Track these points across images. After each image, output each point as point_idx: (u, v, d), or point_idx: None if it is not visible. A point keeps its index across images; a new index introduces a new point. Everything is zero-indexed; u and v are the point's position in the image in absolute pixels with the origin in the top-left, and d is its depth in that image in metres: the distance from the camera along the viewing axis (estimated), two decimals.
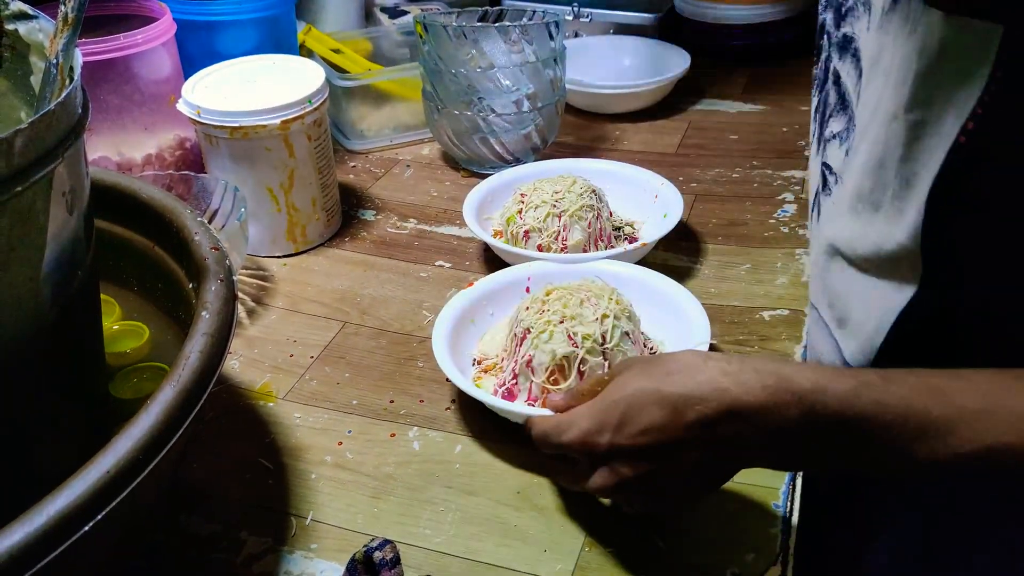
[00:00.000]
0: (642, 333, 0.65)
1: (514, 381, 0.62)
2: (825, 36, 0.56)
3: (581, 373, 0.60)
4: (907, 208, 0.46)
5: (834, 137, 0.55)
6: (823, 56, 0.56)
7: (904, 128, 0.45)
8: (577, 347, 0.60)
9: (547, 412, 0.57)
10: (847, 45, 0.52)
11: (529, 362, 0.61)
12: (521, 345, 0.62)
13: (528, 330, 0.61)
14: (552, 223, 0.77)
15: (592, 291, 0.63)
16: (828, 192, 0.55)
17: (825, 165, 0.56)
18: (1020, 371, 0.41)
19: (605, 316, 0.61)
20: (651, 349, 0.66)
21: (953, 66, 0.42)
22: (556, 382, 0.60)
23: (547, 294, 0.63)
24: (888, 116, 0.47)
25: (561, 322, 0.60)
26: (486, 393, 0.62)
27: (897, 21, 0.45)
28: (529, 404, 0.61)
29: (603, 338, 0.60)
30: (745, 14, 1.20)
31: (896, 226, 0.47)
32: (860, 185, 0.50)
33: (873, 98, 0.49)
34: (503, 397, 0.62)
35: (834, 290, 0.55)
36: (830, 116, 0.55)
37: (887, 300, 0.49)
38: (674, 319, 0.68)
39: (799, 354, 0.69)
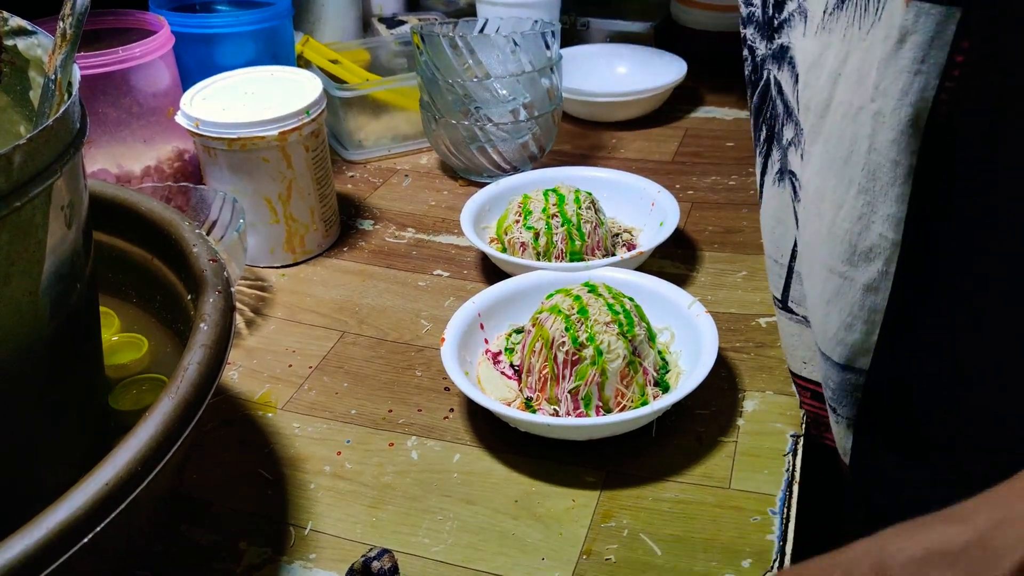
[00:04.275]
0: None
1: (542, 395, 0.63)
2: (748, 52, 0.58)
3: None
4: (880, 200, 0.47)
5: (790, 144, 0.56)
6: (753, 72, 0.58)
7: (868, 119, 0.46)
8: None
9: (574, 421, 0.59)
10: (783, 54, 0.54)
11: (577, 393, 0.62)
12: (570, 369, 0.62)
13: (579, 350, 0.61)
14: (551, 230, 0.77)
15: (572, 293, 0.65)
16: (799, 199, 0.56)
17: (791, 173, 0.57)
18: None
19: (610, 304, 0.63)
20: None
21: (911, 53, 0.43)
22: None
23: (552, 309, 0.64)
24: (846, 111, 0.48)
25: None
26: (498, 403, 0.62)
27: (844, 19, 0.47)
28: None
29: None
30: None
31: (871, 220, 0.48)
32: (821, 186, 0.51)
33: (817, 99, 0.50)
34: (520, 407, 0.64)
35: (804, 291, 0.57)
36: (783, 126, 0.56)
37: (863, 299, 0.51)
38: (678, 323, 0.69)
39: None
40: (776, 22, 0.54)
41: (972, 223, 0.46)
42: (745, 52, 0.59)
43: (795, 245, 0.60)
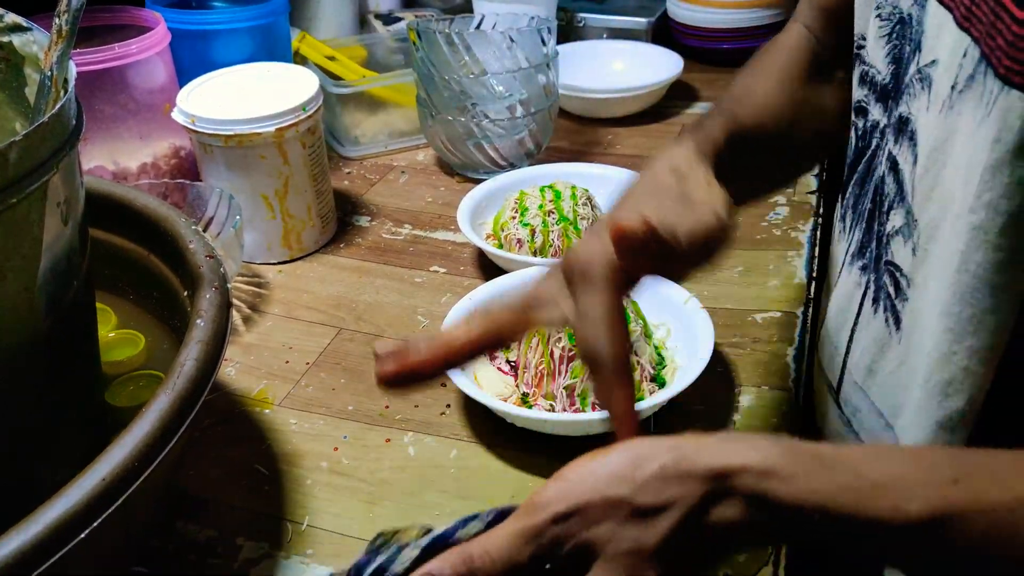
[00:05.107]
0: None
1: (538, 390, 0.63)
2: (859, 116, 0.53)
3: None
4: (968, 330, 0.41)
5: (897, 233, 0.48)
6: (866, 137, 0.52)
7: (965, 231, 0.40)
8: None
9: (570, 417, 0.59)
10: (904, 127, 0.47)
11: (573, 390, 0.62)
12: (566, 365, 0.62)
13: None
14: (547, 227, 0.77)
15: None
16: (905, 298, 0.48)
17: (891, 265, 0.49)
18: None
19: None
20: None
21: None
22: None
23: None
24: (963, 214, 0.41)
25: None
26: (493, 398, 0.63)
27: (972, 102, 0.39)
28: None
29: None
30: (737, 18, 1.20)
31: (953, 351, 0.42)
32: (943, 295, 0.43)
33: (942, 191, 0.43)
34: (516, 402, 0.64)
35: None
36: (890, 208, 0.49)
37: (933, 438, 0.46)
38: (675, 319, 0.69)
39: (791, 356, 0.69)
40: (899, 86, 0.47)
41: None
42: (854, 116, 0.54)
43: (849, 339, 0.53)
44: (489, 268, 0.82)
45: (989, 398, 0.43)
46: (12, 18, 0.50)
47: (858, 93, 0.54)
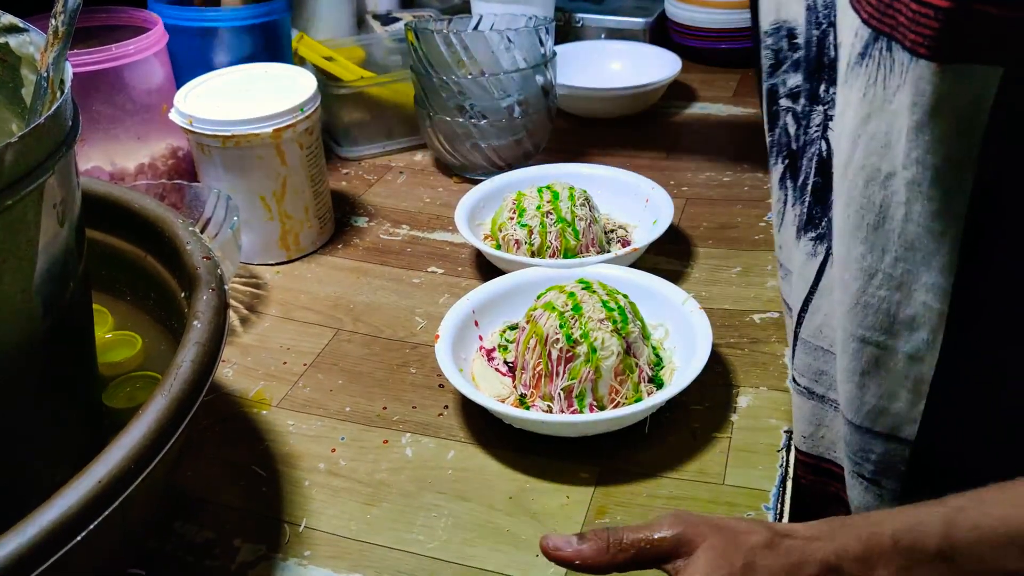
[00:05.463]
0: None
1: (536, 392, 0.63)
2: (801, 100, 0.54)
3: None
4: (922, 270, 0.45)
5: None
6: (805, 117, 0.54)
7: (902, 187, 0.43)
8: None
9: (568, 418, 0.59)
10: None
11: (571, 391, 0.62)
12: (563, 366, 0.62)
13: (573, 346, 0.61)
14: (544, 229, 0.77)
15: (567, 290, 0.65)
16: (832, 262, 0.52)
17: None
18: None
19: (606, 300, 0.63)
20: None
21: (951, 120, 0.40)
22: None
23: (547, 306, 0.64)
24: (872, 176, 0.45)
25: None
26: (492, 399, 0.62)
27: (864, 76, 0.43)
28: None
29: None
30: (735, 18, 1.20)
31: (912, 289, 0.45)
32: (846, 254, 0.48)
33: (839, 159, 0.47)
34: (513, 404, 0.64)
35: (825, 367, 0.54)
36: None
37: (906, 368, 0.48)
38: (673, 319, 0.69)
39: (788, 356, 0.69)
40: (823, 65, 0.50)
41: (1022, 282, 0.44)
42: (787, 102, 0.55)
43: (802, 309, 0.56)
44: (487, 269, 0.82)
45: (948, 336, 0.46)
46: (8, 19, 0.50)
47: (792, 79, 0.55)
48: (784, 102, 0.55)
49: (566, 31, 1.27)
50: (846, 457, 0.55)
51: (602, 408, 0.62)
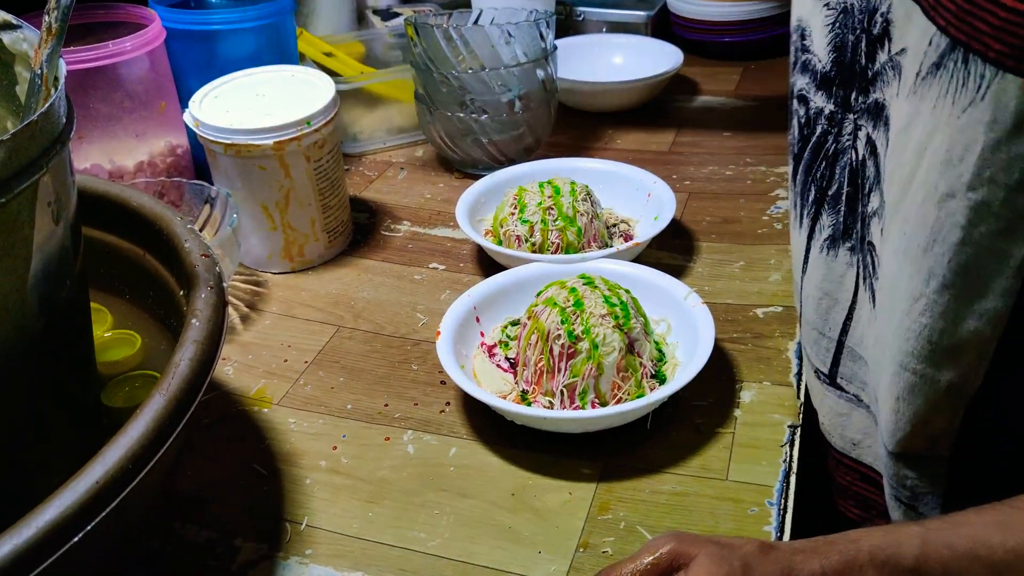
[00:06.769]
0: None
1: (538, 388, 0.63)
2: (800, 102, 0.54)
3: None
4: (977, 295, 0.44)
5: (874, 214, 0.50)
6: (806, 125, 0.54)
7: (963, 209, 0.42)
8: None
9: (569, 414, 0.58)
10: (880, 112, 0.48)
11: (574, 388, 0.61)
12: (565, 362, 0.61)
13: (575, 343, 0.61)
14: (546, 226, 0.77)
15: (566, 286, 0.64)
16: (876, 277, 0.51)
17: (870, 245, 0.51)
18: None
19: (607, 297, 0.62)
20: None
21: None
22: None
23: (547, 302, 0.63)
24: (929, 194, 0.43)
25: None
26: (493, 396, 0.62)
27: (937, 88, 0.41)
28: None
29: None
30: (737, 10, 1.20)
31: (962, 317, 0.45)
32: (896, 272, 0.47)
33: (901, 172, 0.45)
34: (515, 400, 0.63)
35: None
36: (870, 191, 0.51)
37: (946, 396, 0.48)
38: (675, 314, 0.68)
39: (792, 351, 0.69)
40: (870, 73, 0.48)
41: None
42: (795, 104, 0.54)
43: (847, 318, 0.56)
44: (488, 265, 0.81)
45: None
46: (2, 16, 0.50)
47: (800, 81, 0.55)
48: (793, 103, 0.55)
49: (567, 25, 1.26)
50: (885, 480, 0.55)
51: (604, 404, 0.62)
